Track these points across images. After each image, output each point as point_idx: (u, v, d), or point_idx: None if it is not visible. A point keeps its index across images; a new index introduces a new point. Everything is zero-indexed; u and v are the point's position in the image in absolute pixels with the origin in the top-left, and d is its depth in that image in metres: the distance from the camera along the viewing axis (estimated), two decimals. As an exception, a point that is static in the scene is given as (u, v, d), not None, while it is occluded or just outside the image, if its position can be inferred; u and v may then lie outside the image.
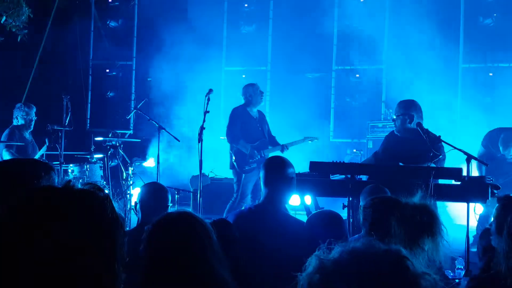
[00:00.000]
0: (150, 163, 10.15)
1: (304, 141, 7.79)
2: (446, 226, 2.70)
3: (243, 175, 7.30)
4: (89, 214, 1.24)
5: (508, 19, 9.54)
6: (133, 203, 4.17)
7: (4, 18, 9.34)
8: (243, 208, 7.21)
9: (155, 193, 3.89)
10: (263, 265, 3.21)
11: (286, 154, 7.14)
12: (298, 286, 1.20)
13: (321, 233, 3.19)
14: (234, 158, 7.36)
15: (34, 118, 7.84)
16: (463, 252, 5.19)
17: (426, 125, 5.65)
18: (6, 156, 7.50)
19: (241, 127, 7.37)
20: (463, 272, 4.95)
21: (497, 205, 3.29)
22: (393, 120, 5.90)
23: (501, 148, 7.05)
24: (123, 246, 1.30)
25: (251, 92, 7.46)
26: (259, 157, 7.32)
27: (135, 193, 6.70)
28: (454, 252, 6.44)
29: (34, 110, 7.87)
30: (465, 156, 5.25)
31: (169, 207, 3.95)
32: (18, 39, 9.72)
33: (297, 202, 5.35)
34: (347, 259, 1.16)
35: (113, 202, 1.33)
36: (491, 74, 9.68)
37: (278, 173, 3.55)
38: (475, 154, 6.73)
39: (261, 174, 3.60)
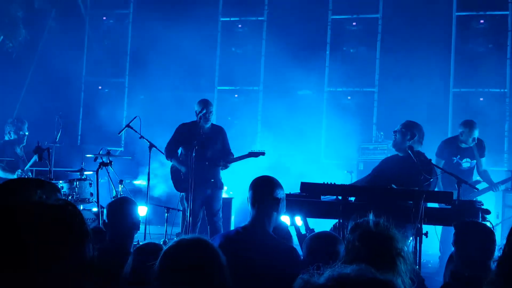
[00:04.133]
0: (141, 181, 10.10)
1: (249, 156, 7.28)
2: None
3: (182, 194, 7.16)
4: (57, 227, 1.24)
5: (499, 45, 9.67)
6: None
7: (1, 38, 9.38)
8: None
9: (119, 209, 3.76)
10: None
11: (276, 174, 7.08)
12: None
13: (323, 257, 3.13)
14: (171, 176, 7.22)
15: (26, 133, 7.82)
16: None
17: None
18: (-3, 170, 7.47)
19: (181, 143, 7.15)
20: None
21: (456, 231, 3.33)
22: (394, 132, 5.86)
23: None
24: (92, 259, 1.30)
25: (196, 110, 7.18)
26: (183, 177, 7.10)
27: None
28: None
29: (26, 125, 7.87)
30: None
31: (139, 222, 3.83)
32: (13, 56, 9.75)
33: (287, 223, 5.32)
34: (333, 285, 1.11)
35: (83, 216, 1.34)
36: (481, 99, 9.76)
37: (265, 193, 3.42)
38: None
39: (249, 194, 3.48)
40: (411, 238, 4.64)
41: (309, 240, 3.36)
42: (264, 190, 3.46)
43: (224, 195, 7.77)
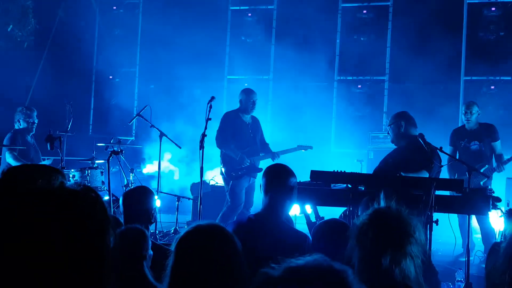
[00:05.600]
0: (148, 169, 10.16)
1: (298, 149, 7.65)
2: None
3: (231, 181, 7.21)
4: (78, 214, 1.22)
5: (511, 33, 9.58)
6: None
7: (11, 27, 9.42)
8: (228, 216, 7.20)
9: (136, 199, 3.72)
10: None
11: (287, 163, 7.10)
12: None
13: (331, 244, 3.14)
14: (222, 163, 7.26)
15: (36, 120, 7.87)
16: (463, 264, 5.19)
17: (427, 136, 5.66)
18: (9, 159, 7.53)
19: (232, 132, 7.21)
20: (463, 285, 4.94)
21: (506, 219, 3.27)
22: (388, 132, 5.93)
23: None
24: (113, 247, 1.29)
25: (243, 99, 7.33)
26: (248, 163, 7.19)
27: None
28: (454, 264, 6.45)
29: (35, 113, 7.90)
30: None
31: (155, 212, 3.78)
32: (25, 46, 9.79)
33: (297, 211, 5.34)
34: (287, 277, 1.12)
35: (104, 203, 1.31)
36: (493, 87, 9.70)
37: (279, 181, 3.43)
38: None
39: (262, 182, 3.49)
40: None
41: (318, 227, 3.37)
42: (277, 177, 3.46)
43: None
